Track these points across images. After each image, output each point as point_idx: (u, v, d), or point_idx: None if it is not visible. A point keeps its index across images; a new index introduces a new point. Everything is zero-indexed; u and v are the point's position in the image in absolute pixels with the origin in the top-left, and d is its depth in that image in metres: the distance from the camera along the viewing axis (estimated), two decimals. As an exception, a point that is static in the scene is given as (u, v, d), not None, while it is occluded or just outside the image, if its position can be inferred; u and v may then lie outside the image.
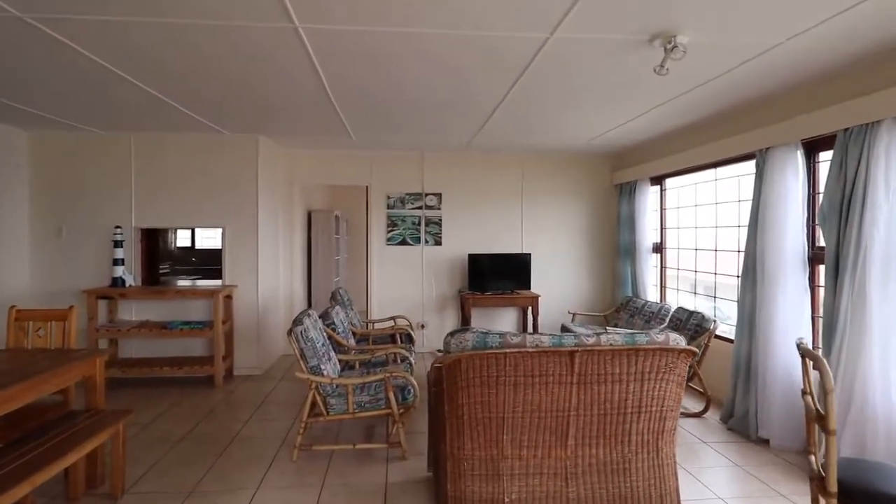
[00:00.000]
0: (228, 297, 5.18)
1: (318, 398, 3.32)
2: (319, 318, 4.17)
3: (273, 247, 5.72)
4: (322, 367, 3.34)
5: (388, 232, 6.25)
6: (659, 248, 5.76)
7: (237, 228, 5.21)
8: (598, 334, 2.52)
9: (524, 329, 6.39)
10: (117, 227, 4.94)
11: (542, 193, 6.44)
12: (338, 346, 4.21)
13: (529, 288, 6.13)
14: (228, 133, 5.06)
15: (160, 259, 8.91)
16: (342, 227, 8.58)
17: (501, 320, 6.46)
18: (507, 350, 2.43)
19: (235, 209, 5.19)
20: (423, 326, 6.32)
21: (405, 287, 6.29)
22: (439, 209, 6.29)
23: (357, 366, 4.04)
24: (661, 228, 5.74)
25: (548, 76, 3.24)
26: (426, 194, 6.27)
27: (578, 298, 6.50)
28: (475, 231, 6.35)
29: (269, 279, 5.56)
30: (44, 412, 2.92)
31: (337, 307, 4.52)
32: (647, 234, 5.70)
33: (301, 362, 3.31)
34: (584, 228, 6.52)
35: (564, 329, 5.66)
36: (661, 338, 2.52)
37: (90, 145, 5.07)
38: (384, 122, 4.61)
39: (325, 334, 3.72)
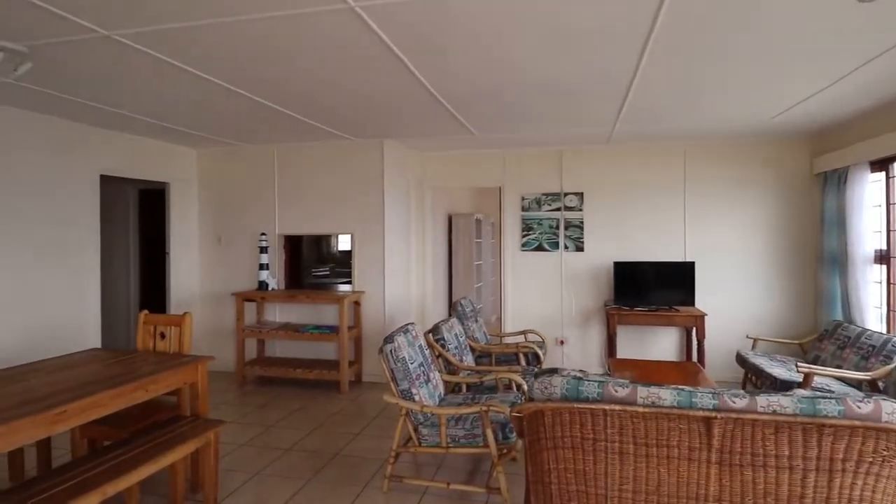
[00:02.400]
0: (357, 303, 5.19)
1: (409, 426, 2.97)
2: (429, 332, 3.85)
3: (403, 252, 5.61)
4: (413, 391, 2.99)
5: (524, 237, 5.71)
6: (885, 258, 4.23)
7: (365, 234, 5.20)
8: (753, 395, 1.70)
9: (688, 355, 5.29)
10: (262, 233, 5.29)
11: (711, 188, 5.26)
12: (448, 365, 3.84)
13: (694, 304, 5.03)
14: (355, 139, 5.06)
15: (323, 262, 9.65)
16: (485, 230, 8.26)
17: (656, 342, 5.45)
18: (609, 406, 1.76)
19: (363, 215, 5.18)
20: (562, 342, 5.64)
21: (542, 297, 5.68)
22: (581, 210, 5.55)
23: (464, 389, 3.61)
24: (888, 230, 4.20)
25: (688, 29, 2.42)
26: (565, 194, 5.58)
27: (762, 320, 5.17)
28: (624, 235, 5.45)
29: (398, 285, 5.45)
30: (155, 412, 3.08)
31: (452, 320, 4.16)
32: (866, 237, 4.22)
33: (391, 384, 3.00)
34: (772, 230, 5.16)
35: (740, 358, 4.48)
36: (865, 408, 1.61)
37: (242, 159, 5.52)
38: (504, 116, 4.11)
39: (426, 352, 3.37)
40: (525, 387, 3.40)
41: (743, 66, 2.92)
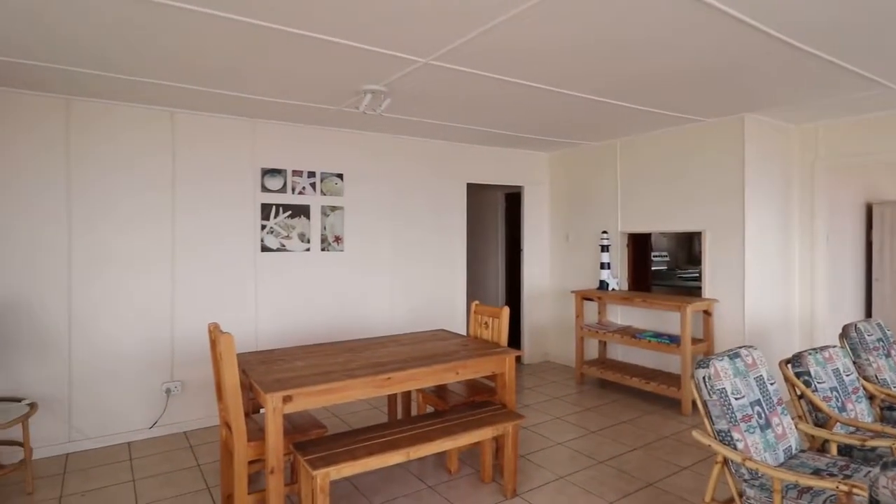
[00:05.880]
0: (707, 313, 4.40)
1: (728, 478, 2.30)
2: (787, 361, 2.91)
3: (778, 253, 4.43)
4: (736, 435, 2.29)
5: None
6: None
7: (719, 230, 4.34)
8: None
9: None
10: (604, 231, 5.14)
11: None
12: (815, 411, 2.78)
13: None
14: (705, 119, 4.28)
15: (694, 263, 8.66)
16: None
17: None
18: None
19: (717, 208, 4.34)
20: None
21: None
22: None
23: (834, 450, 2.52)
24: None
25: None
26: None
27: None
28: None
29: (768, 295, 4.33)
30: (477, 392, 3.39)
31: (834, 349, 2.99)
32: None
33: (705, 420, 2.38)
34: None
35: None
36: None
37: (586, 157, 5.51)
38: (940, 45, 2.65)
39: (770, 388, 2.53)
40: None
41: None
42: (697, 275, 7.94)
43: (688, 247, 8.01)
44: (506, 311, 3.40)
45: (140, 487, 3.07)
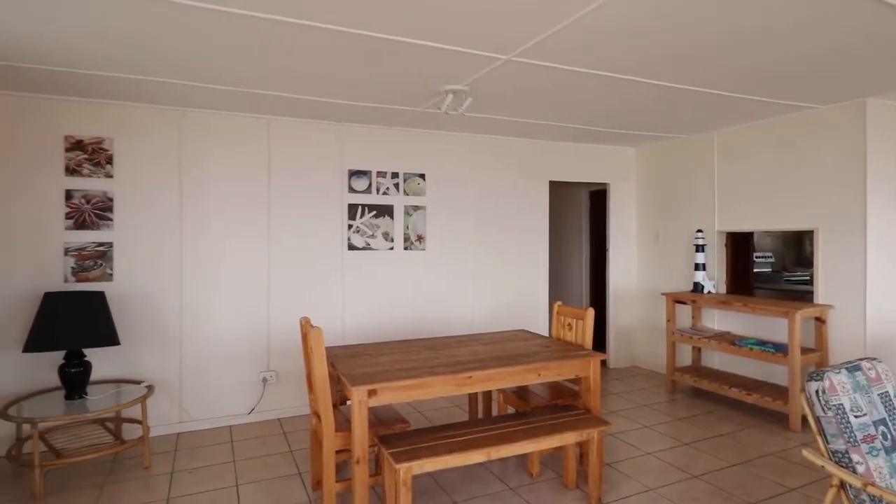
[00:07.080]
0: (820, 320, 3.98)
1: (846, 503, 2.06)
2: (921, 376, 2.55)
3: (906, 256, 3.91)
4: (855, 456, 2.04)
5: None
6: None
7: (835, 229, 3.91)
8: None
9: None
10: (699, 230, 4.81)
11: None
12: (957, 435, 2.41)
13: None
14: (819, 107, 3.87)
15: (803, 265, 7.89)
16: None
17: None
18: None
19: (832, 204, 3.91)
20: None
21: None
22: None
23: (983, 483, 2.17)
24: None
25: None
26: None
27: None
28: None
29: (892, 301, 3.84)
30: (560, 395, 3.30)
31: (981, 366, 2.58)
32: None
33: (818, 438, 2.15)
34: None
35: None
36: None
37: (679, 151, 5.18)
38: None
39: (898, 406, 2.23)
40: None
41: None
42: (808, 277, 7.23)
43: (797, 247, 7.32)
44: (591, 312, 3.29)
45: (239, 468, 3.31)
